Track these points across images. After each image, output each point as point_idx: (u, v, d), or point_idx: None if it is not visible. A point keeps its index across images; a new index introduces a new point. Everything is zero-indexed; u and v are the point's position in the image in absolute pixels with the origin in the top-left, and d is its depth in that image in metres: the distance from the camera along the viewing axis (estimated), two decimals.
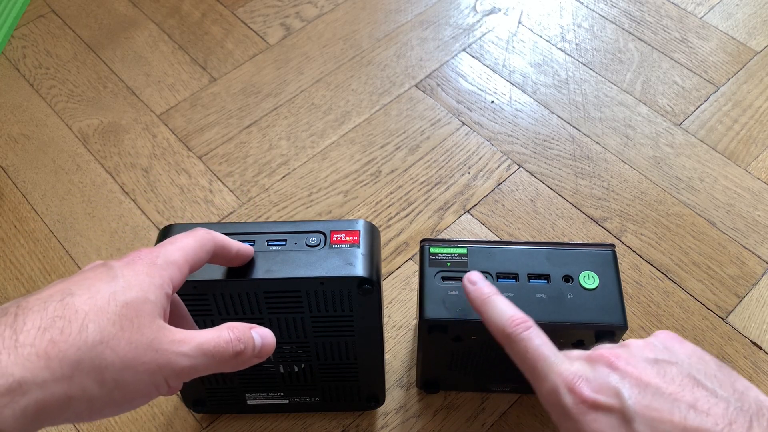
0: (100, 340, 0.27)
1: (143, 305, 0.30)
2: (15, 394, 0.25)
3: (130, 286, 0.30)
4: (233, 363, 0.33)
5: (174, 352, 0.30)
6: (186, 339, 0.31)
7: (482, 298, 0.42)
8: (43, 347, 0.26)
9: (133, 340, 0.29)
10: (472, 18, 0.87)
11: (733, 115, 0.77)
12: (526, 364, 0.38)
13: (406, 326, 0.62)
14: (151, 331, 0.30)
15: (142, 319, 0.29)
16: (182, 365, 0.30)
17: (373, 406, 0.56)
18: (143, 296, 0.30)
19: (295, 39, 0.85)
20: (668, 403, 0.32)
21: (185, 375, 0.31)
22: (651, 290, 0.64)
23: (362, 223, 0.44)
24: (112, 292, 0.29)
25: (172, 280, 0.33)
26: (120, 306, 0.29)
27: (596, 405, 0.33)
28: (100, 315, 0.28)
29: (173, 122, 0.77)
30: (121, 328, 0.28)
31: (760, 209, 0.69)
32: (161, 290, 0.32)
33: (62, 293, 0.28)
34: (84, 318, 0.28)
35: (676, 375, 0.33)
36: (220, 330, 0.33)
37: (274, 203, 0.71)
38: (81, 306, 0.28)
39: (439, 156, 0.74)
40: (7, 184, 0.72)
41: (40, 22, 0.87)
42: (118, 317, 0.28)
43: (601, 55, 0.83)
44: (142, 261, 0.32)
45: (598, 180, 0.72)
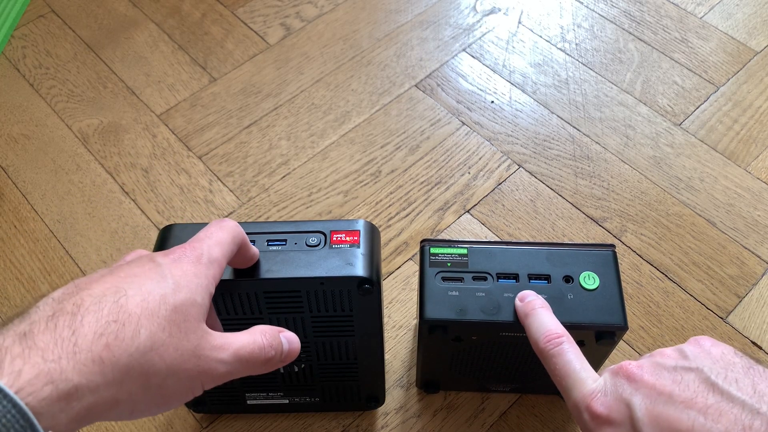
0: (151, 347, 0.28)
1: (191, 308, 0.30)
2: (71, 399, 0.25)
3: (179, 287, 0.30)
4: (262, 368, 0.34)
5: (214, 359, 0.31)
6: (225, 345, 0.31)
7: (526, 312, 0.43)
8: (98, 352, 0.26)
9: (179, 347, 0.29)
10: (472, 18, 0.87)
11: (733, 115, 0.77)
12: (556, 379, 0.39)
13: (406, 326, 0.62)
14: (196, 337, 0.30)
15: (188, 324, 0.30)
16: (220, 372, 0.31)
17: (373, 406, 0.56)
18: (191, 299, 0.30)
19: (295, 39, 0.85)
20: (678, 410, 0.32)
21: (220, 380, 0.31)
22: (651, 290, 0.64)
23: (362, 223, 0.44)
24: (163, 295, 0.29)
25: (215, 280, 0.33)
26: (170, 310, 0.29)
27: (609, 420, 0.34)
28: (152, 320, 0.28)
29: (173, 122, 0.77)
30: (170, 334, 0.29)
31: (760, 209, 0.69)
32: (206, 291, 0.32)
33: (116, 292, 0.28)
34: (137, 323, 0.28)
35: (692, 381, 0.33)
36: (254, 335, 0.33)
37: (274, 203, 0.71)
38: (134, 309, 0.28)
39: (439, 156, 0.74)
40: (7, 184, 0.72)
41: (40, 22, 0.87)
42: (167, 323, 0.29)
43: (601, 55, 0.83)
44: (188, 259, 0.32)
45: (598, 180, 0.72)
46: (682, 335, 0.61)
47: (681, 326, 0.62)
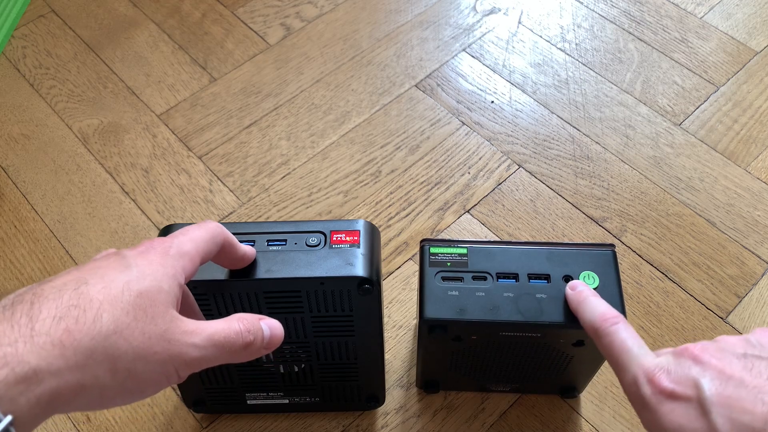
0: (114, 330, 0.28)
1: (157, 295, 0.30)
2: (30, 382, 0.25)
3: (143, 275, 0.30)
4: (243, 354, 0.33)
5: (185, 343, 0.30)
6: (197, 330, 0.31)
7: (579, 299, 0.43)
8: (58, 336, 0.26)
9: (146, 330, 0.29)
10: (472, 18, 0.87)
11: (733, 115, 0.77)
12: (612, 357, 0.38)
13: (406, 326, 0.62)
14: (164, 321, 0.30)
15: (155, 309, 0.29)
16: (193, 356, 0.31)
17: (373, 406, 0.56)
18: (157, 286, 0.30)
19: (295, 39, 0.85)
20: (751, 394, 0.31)
21: (195, 365, 0.31)
22: (651, 290, 0.64)
23: (362, 223, 0.44)
24: (126, 282, 0.29)
25: (185, 271, 0.33)
26: (134, 295, 0.29)
27: (674, 395, 0.33)
28: (115, 304, 0.28)
29: (173, 122, 0.77)
30: (134, 317, 0.28)
31: (760, 209, 0.69)
32: (174, 280, 0.32)
33: (77, 282, 0.28)
34: (99, 307, 0.28)
35: (764, 369, 0.32)
36: (230, 321, 0.33)
37: (274, 203, 0.71)
38: (95, 295, 0.28)
39: (439, 156, 0.74)
40: (7, 184, 0.72)
41: (40, 22, 0.87)
42: (131, 307, 0.29)
43: (601, 55, 0.83)
44: (155, 250, 0.32)
45: (598, 180, 0.72)
46: (682, 335, 0.61)
47: (681, 326, 0.62)
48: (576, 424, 0.56)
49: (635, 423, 0.56)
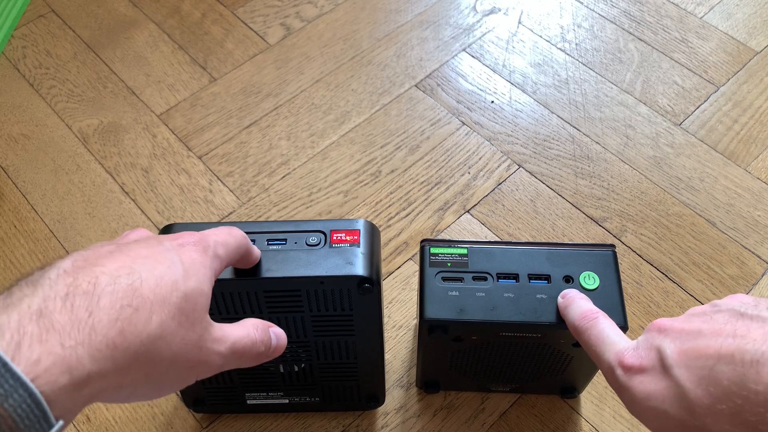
0: (160, 335, 0.28)
1: (199, 298, 0.30)
2: (84, 386, 0.25)
3: (188, 274, 0.30)
4: (252, 362, 0.34)
5: (213, 351, 0.30)
6: (223, 338, 0.31)
7: (566, 303, 0.44)
8: (112, 337, 0.26)
9: (185, 338, 0.29)
10: (472, 18, 0.87)
11: (733, 115, 0.77)
12: (591, 351, 0.39)
13: (406, 326, 0.62)
14: (201, 328, 0.30)
15: (195, 314, 0.29)
16: (216, 364, 0.31)
17: (372, 406, 0.56)
18: (200, 288, 0.30)
19: (295, 39, 0.85)
20: (706, 340, 0.32)
21: (214, 371, 0.31)
22: (651, 290, 0.64)
23: (362, 222, 0.44)
24: (174, 281, 0.29)
25: (216, 275, 0.33)
26: (180, 298, 0.29)
27: (641, 368, 0.34)
28: (164, 307, 0.28)
29: (173, 122, 0.77)
30: (179, 323, 0.28)
31: (760, 209, 0.69)
32: (211, 283, 0.32)
33: (129, 273, 0.28)
34: (150, 308, 0.27)
35: (721, 317, 0.33)
36: (248, 329, 0.33)
37: (274, 203, 0.71)
38: (147, 294, 0.28)
39: (439, 156, 0.74)
40: (7, 184, 0.72)
41: (40, 22, 0.87)
42: (177, 310, 0.28)
43: (601, 55, 0.83)
44: (196, 247, 0.32)
45: (598, 180, 0.72)
46: None
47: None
48: (576, 424, 0.56)
49: (635, 423, 0.56)
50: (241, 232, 0.37)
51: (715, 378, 0.30)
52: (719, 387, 0.30)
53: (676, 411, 0.32)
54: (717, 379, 0.30)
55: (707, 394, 0.30)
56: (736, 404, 0.29)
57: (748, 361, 0.29)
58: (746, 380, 0.29)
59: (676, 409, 0.32)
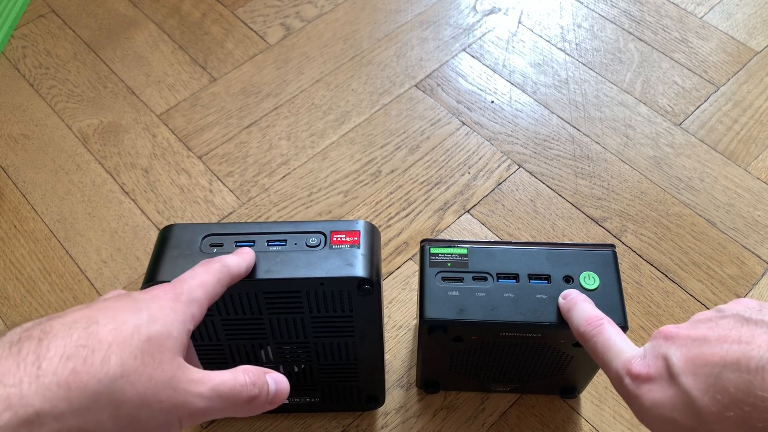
0: (121, 374, 0.27)
1: (166, 340, 0.29)
2: (33, 425, 0.24)
3: (154, 319, 0.30)
4: (247, 408, 0.33)
5: (191, 392, 0.30)
6: (203, 379, 0.30)
7: (568, 306, 0.43)
8: (65, 376, 0.25)
9: (153, 377, 0.28)
10: (472, 18, 0.87)
11: (733, 115, 0.77)
12: (597, 358, 0.39)
13: (406, 326, 0.62)
14: (171, 368, 0.29)
15: (163, 355, 0.29)
16: (198, 406, 0.30)
17: (372, 407, 0.56)
18: (167, 331, 0.30)
19: (295, 39, 0.85)
20: (712, 347, 0.32)
21: (199, 416, 0.30)
22: (651, 290, 0.64)
23: (362, 223, 0.44)
24: (137, 325, 0.29)
25: (194, 318, 0.33)
26: (143, 340, 0.28)
27: (649, 377, 0.34)
28: (124, 347, 0.27)
29: (173, 122, 0.77)
30: (142, 362, 0.28)
31: (760, 209, 0.69)
32: (184, 327, 0.31)
33: (87, 320, 0.28)
34: (108, 349, 0.27)
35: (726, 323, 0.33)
36: (236, 372, 0.32)
37: (274, 203, 0.71)
38: (105, 336, 0.27)
39: (439, 156, 0.74)
40: (7, 184, 0.72)
41: (40, 22, 0.87)
42: (140, 351, 0.28)
43: (601, 55, 0.83)
44: (167, 295, 0.32)
45: (598, 180, 0.72)
46: None
47: None
48: (576, 424, 0.56)
49: (635, 423, 0.56)
50: (220, 265, 0.37)
51: (721, 385, 0.30)
52: (726, 394, 0.30)
53: (684, 419, 0.32)
54: (724, 386, 0.30)
55: (715, 402, 0.30)
56: (743, 411, 0.29)
57: (754, 368, 0.29)
58: (753, 387, 0.29)
59: (685, 417, 0.32)
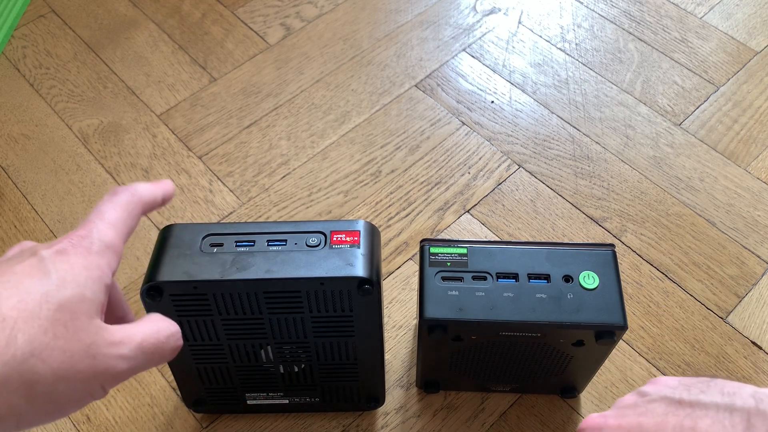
0: (31, 353, 0.25)
1: (80, 305, 0.27)
2: None
3: (64, 282, 0.27)
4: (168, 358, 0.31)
5: (113, 356, 0.27)
6: (125, 339, 0.28)
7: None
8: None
9: (67, 349, 0.26)
10: (472, 18, 0.87)
11: (733, 115, 0.77)
12: None
13: (406, 326, 0.62)
14: (87, 335, 0.27)
15: (77, 322, 0.26)
16: (121, 368, 0.28)
17: (372, 407, 0.56)
18: (80, 294, 0.27)
19: (295, 39, 0.85)
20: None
21: (124, 377, 0.28)
22: (651, 290, 0.64)
23: (362, 223, 0.44)
24: (44, 293, 0.26)
25: (110, 267, 0.30)
26: (53, 309, 0.26)
27: None
28: (31, 322, 0.25)
29: (173, 122, 0.77)
30: (54, 336, 0.25)
31: (760, 209, 0.69)
32: (100, 283, 0.28)
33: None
34: (12, 327, 0.25)
35: (657, 407, 0.33)
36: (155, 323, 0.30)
37: (274, 203, 0.71)
38: (8, 312, 0.25)
39: (439, 156, 0.74)
40: (7, 184, 0.72)
41: (40, 22, 0.87)
42: (50, 323, 0.25)
43: (601, 55, 0.83)
44: (76, 249, 0.29)
45: (598, 180, 0.72)
46: (682, 335, 0.61)
47: (681, 326, 0.62)
48: (576, 424, 0.56)
49: None
50: (127, 194, 0.33)
51: None
52: None
53: None
54: None
55: None
56: None
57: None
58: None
59: None
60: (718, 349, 0.60)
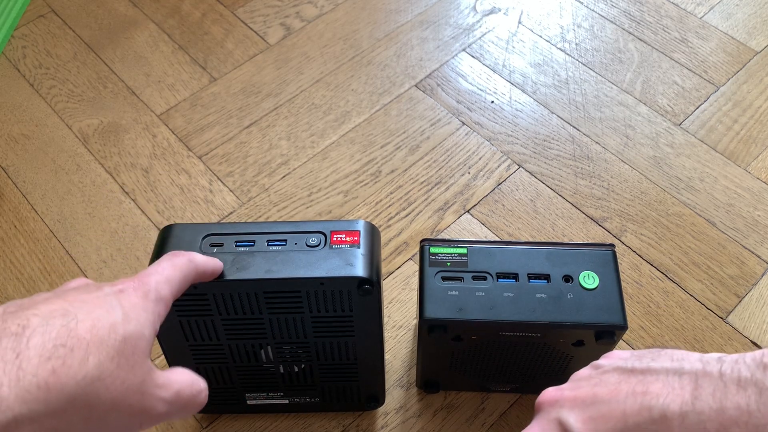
0: (98, 377, 0.26)
1: (139, 341, 0.29)
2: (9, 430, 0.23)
3: (128, 318, 0.29)
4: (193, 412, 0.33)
5: (156, 397, 0.29)
6: (167, 384, 0.30)
7: None
8: (44, 377, 0.24)
9: (126, 380, 0.27)
10: (472, 18, 0.87)
11: (733, 115, 0.77)
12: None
13: (406, 326, 0.62)
14: (142, 371, 0.28)
15: (136, 357, 0.28)
16: (159, 411, 0.29)
17: (372, 407, 0.56)
18: (140, 332, 0.29)
19: (295, 39, 0.85)
20: (606, 404, 0.32)
21: (157, 421, 0.30)
22: (651, 290, 0.64)
23: (362, 223, 0.44)
24: (112, 323, 0.28)
25: (160, 318, 0.32)
26: (119, 340, 0.28)
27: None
28: (101, 347, 0.27)
29: (173, 122, 0.77)
30: (118, 365, 0.27)
31: (760, 209, 0.69)
32: (152, 327, 0.31)
33: (64, 315, 0.27)
34: (86, 349, 0.26)
35: (611, 377, 0.34)
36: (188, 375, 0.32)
37: (274, 203, 0.71)
38: (83, 334, 0.26)
39: (439, 156, 0.74)
40: (7, 184, 0.72)
41: (40, 22, 0.87)
42: (116, 353, 0.27)
43: (601, 55, 0.83)
44: (136, 292, 0.31)
45: (598, 180, 0.72)
46: (682, 335, 0.61)
47: (681, 326, 0.62)
48: None
49: None
50: (185, 260, 0.36)
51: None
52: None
53: None
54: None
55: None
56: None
57: (658, 418, 0.30)
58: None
59: None
60: (718, 349, 0.60)
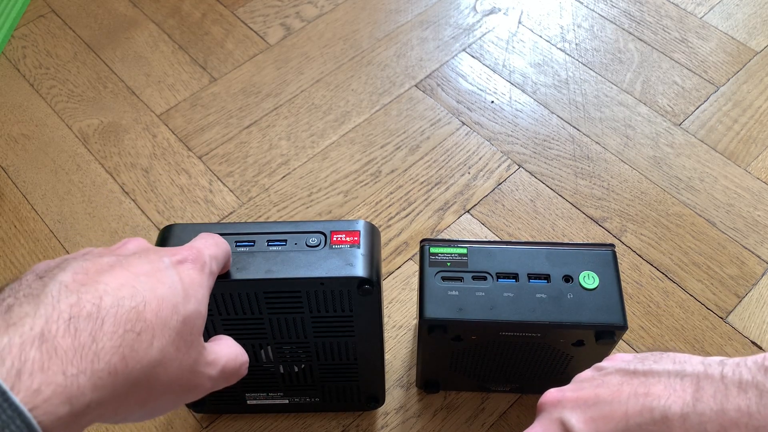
0: (159, 361, 0.27)
1: (196, 321, 0.29)
2: (82, 415, 0.24)
3: (188, 296, 0.29)
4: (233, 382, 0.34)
5: (205, 375, 0.30)
6: (214, 362, 0.31)
7: None
8: (114, 363, 0.25)
9: (182, 363, 0.28)
10: (472, 18, 0.87)
11: (733, 115, 0.77)
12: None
13: (406, 326, 0.62)
14: (196, 351, 0.29)
15: (192, 337, 0.29)
16: (206, 387, 0.30)
17: (372, 407, 0.56)
18: (197, 311, 0.29)
19: (295, 39, 0.85)
20: (608, 405, 0.32)
21: (199, 396, 0.30)
22: (651, 290, 0.64)
23: (362, 223, 0.44)
24: (174, 304, 0.28)
25: (210, 292, 0.32)
26: (180, 322, 0.28)
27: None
28: (164, 331, 0.27)
29: (173, 122, 0.77)
30: (177, 348, 0.28)
31: (760, 209, 0.69)
32: (206, 304, 0.31)
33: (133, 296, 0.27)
34: (152, 333, 0.27)
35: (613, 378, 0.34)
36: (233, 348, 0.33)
37: (274, 203, 0.71)
38: (150, 317, 0.27)
39: (439, 156, 0.74)
40: (7, 184, 0.72)
41: (40, 22, 0.87)
42: (177, 335, 0.28)
43: (601, 55, 0.83)
44: (194, 265, 0.31)
45: (598, 180, 0.72)
46: (682, 335, 0.61)
47: (681, 326, 0.62)
48: None
49: None
50: (223, 240, 0.37)
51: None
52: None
53: None
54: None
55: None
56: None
57: (659, 419, 0.30)
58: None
59: None
60: (718, 349, 0.60)
